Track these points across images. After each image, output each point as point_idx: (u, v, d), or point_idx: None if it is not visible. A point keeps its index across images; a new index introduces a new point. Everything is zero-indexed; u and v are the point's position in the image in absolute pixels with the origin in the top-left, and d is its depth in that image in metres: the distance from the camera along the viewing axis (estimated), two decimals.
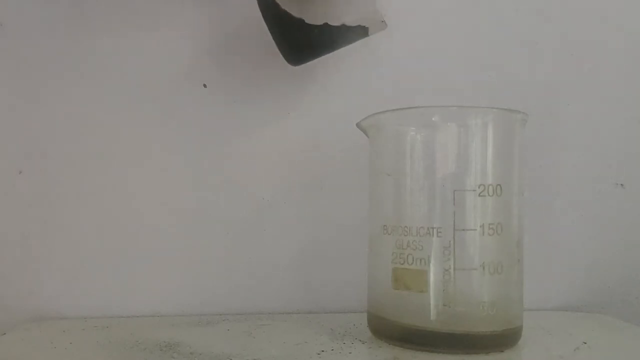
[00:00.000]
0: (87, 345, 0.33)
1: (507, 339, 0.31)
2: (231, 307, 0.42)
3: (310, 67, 0.40)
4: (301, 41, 0.36)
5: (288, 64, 0.38)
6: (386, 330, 0.33)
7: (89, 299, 0.41)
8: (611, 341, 0.35)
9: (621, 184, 0.44)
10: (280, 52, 0.37)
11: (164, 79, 0.42)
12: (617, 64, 0.44)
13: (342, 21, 0.36)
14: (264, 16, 0.37)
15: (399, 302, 0.31)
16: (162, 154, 0.42)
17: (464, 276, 0.30)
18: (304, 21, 0.35)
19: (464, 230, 0.30)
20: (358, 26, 0.36)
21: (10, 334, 0.36)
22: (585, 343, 0.33)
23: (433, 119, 0.32)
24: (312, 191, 0.42)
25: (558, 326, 0.37)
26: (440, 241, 0.30)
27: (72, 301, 0.41)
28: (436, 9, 0.43)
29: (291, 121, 0.42)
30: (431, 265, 0.30)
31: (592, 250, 0.43)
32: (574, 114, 0.43)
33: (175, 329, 0.37)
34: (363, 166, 0.36)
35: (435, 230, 0.30)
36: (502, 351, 0.31)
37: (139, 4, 0.41)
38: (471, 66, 0.43)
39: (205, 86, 0.42)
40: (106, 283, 0.41)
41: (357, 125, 0.35)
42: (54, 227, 0.41)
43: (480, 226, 0.30)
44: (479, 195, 0.30)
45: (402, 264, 0.31)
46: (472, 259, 0.30)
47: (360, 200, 0.38)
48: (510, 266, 0.31)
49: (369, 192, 0.35)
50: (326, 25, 0.35)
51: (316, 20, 0.35)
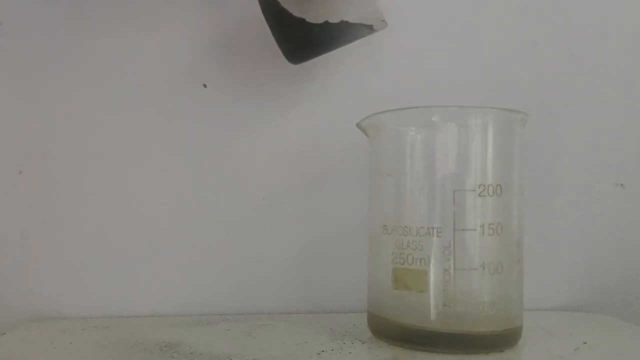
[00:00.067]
0: (87, 345, 0.33)
1: (507, 339, 0.31)
2: (231, 307, 0.42)
3: (310, 67, 0.40)
4: (302, 39, 0.36)
5: (288, 64, 0.38)
6: (386, 330, 0.33)
7: (89, 299, 0.41)
8: (611, 341, 0.35)
9: (621, 184, 0.44)
10: (281, 50, 0.37)
11: (164, 79, 0.42)
12: (617, 64, 0.44)
13: (342, 20, 0.36)
14: (264, 14, 0.37)
15: (399, 302, 0.31)
16: (162, 153, 0.42)
17: (464, 276, 0.30)
18: (305, 20, 0.35)
19: (464, 230, 0.30)
20: (359, 24, 0.36)
21: (10, 334, 0.36)
22: (585, 343, 0.33)
23: (433, 119, 0.32)
24: (312, 191, 0.42)
25: (558, 326, 0.37)
26: (440, 241, 0.30)
27: (72, 301, 0.41)
28: (436, 8, 0.43)
29: (291, 121, 0.42)
30: (431, 265, 0.30)
31: (592, 250, 0.43)
32: (574, 114, 0.43)
33: (175, 329, 0.37)
34: (363, 166, 0.36)
35: (435, 230, 0.30)
36: (502, 351, 0.31)
37: (139, 4, 0.41)
38: (471, 66, 0.43)
39: (205, 86, 0.42)
40: (106, 283, 0.41)
41: (357, 125, 0.35)
42: (54, 227, 0.41)
43: (480, 226, 0.30)
44: (479, 195, 0.30)
45: (402, 264, 0.31)
46: (472, 259, 0.30)
47: (360, 200, 0.38)
48: (510, 266, 0.31)
49: (369, 192, 0.35)
50: (327, 24, 0.35)
51: (317, 18, 0.35)
